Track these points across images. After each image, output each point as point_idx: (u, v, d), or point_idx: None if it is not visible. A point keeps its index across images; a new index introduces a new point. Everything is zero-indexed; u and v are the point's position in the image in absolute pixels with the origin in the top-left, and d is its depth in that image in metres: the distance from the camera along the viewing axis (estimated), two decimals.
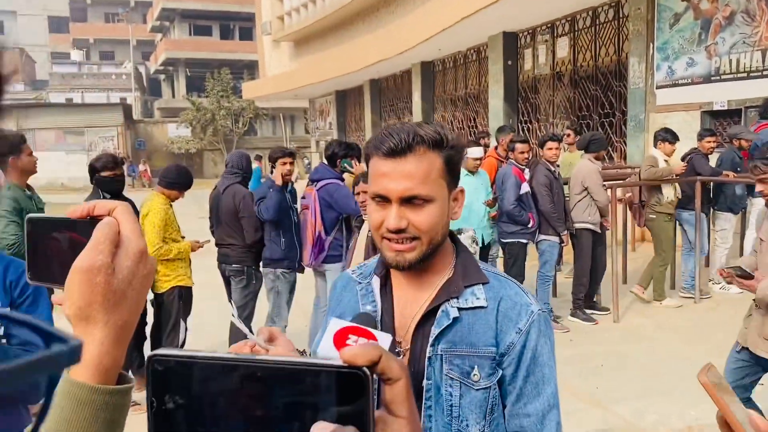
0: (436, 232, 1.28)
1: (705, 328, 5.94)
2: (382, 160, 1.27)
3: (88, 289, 0.62)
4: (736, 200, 6.66)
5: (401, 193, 1.24)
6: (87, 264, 0.63)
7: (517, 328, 1.31)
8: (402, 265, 1.28)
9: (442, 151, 1.28)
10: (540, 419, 1.32)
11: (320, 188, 4.85)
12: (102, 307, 0.63)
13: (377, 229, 1.29)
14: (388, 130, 1.28)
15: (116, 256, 0.65)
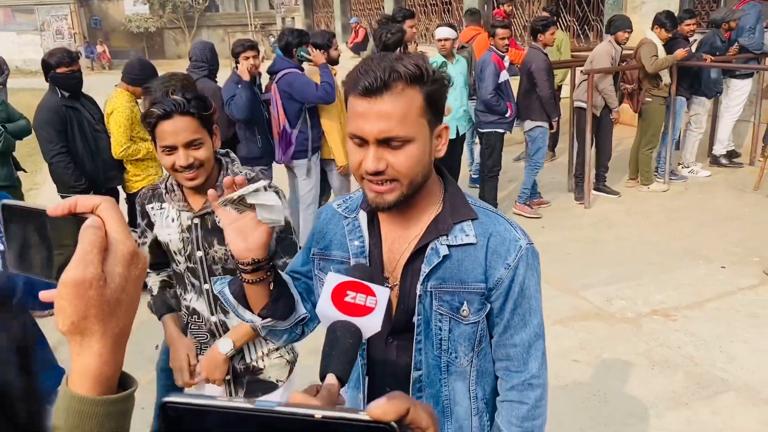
0: (416, 174, 1.23)
1: (673, 212, 6.08)
2: (358, 100, 1.19)
3: (81, 303, 0.59)
4: (711, 84, 6.60)
5: (377, 134, 1.18)
6: (77, 277, 0.59)
7: (506, 264, 1.30)
8: (382, 206, 1.25)
9: (423, 87, 1.20)
10: (526, 349, 1.35)
11: (279, 80, 4.66)
12: (97, 318, 0.60)
13: (356, 170, 1.24)
14: (364, 66, 1.20)
15: (106, 263, 0.61)
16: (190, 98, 1.84)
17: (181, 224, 2.02)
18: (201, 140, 1.86)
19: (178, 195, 2.01)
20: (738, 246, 5.23)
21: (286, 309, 1.35)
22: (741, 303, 4.34)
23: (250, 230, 1.21)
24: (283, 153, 4.68)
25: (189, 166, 1.86)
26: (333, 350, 0.94)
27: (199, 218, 2.00)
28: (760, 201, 6.16)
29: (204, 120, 1.87)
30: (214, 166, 1.96)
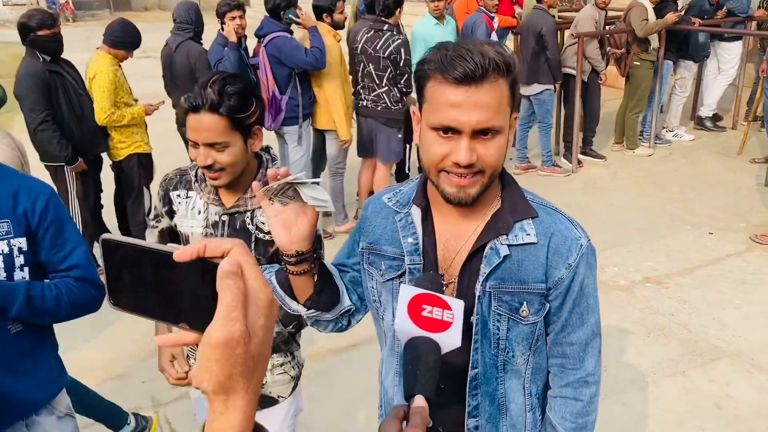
0: (500, 165, 1.22)
1: (659, 177, 6.13)
2: (452, 87, 1.14)
3: (228, 363, 0.56)
4: (699, 48, 6.60)
5: (476, 125, 1.14)
6: (225, 337, 0.56)
7: (567, 264, 1.28)
8: (465, 200, 1.21)
9: (508, 77, 1.16)
10: (583, 347, 1.34)
11: (267, 44, 4.50)
12: (242, 376, 0.58)
13: (438, 163, 1.19)
14: (456, 51, 1.14)
15: (248, 316, 0.58)
16: (225, 95, 1.66)
17: (207, 218, 1.87)
18: (226, 143, 1.69)
19: (209, 187, 1.85)
20: (724, 212, 5.30)
21: (331, 301, 1.36)
22: (730, 269, 4.42)
23: (293, 222, 1.21)
24: (273, 119, 4.56)
25: (209, 167, 1.73)
26: (417, 369, 0.91)
27: (228, 216, 1.85)
28: (744, 166, 6.24)
29: (237, 122, 1.69)
30: (249, 164, 1.81)
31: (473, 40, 1.18)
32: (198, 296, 0.61)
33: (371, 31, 4.70)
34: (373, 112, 4.84)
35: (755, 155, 6.38)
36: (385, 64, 4.64)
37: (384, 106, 4.79)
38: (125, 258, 0.63)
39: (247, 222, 1.84)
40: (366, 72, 4.75)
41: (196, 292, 0.61)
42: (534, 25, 5.77)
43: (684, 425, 3.02)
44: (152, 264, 0.62)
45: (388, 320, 1.39)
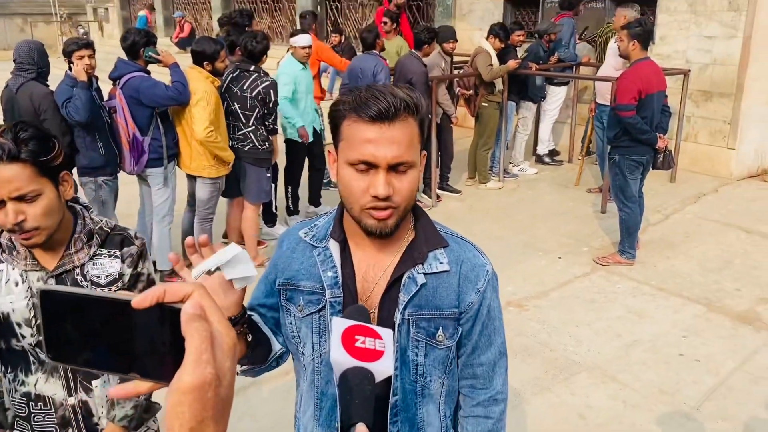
0: (413, 198, 1.29)
1: (510, 208, 6.59)
2: (367, 125, 1.21)
3: (200, 407, 0.56)
4: (537, 90, 7.25)
5: (391, 159, 1.21)
6: (198, 381, 0.55)
7: (476, 289, 1.37)
8: (384, 231, 1.27)
9: (417, 116, 1.26)
10: (492, 367, 1.43)
11: (123, 85, 4.36)
12: (212, 420, 0.57)
13: (360, 197, 1.24)
14: (369, 92, 1.22)
15: (216, 359, 0.57)
16: (22, 141, 1.50)
17: (30, 287, 1.65)
18: (37, 192, 1.53)
19: (23, 253, 1.65)
20: (569, 238, 5.81)
21: (264, 352, 1.38)
22: (579, 290, 4.84)
23: (222, 290, 1.20)
24: (136, 162, 4.38)
25: (19, 226, 1.53)
26: (354, 399, 0.94)
27: (55, 278, 1.66)
28: (581, 196, 6.88)
29: (43, 167, 1.53)
30: (64, 216, 1.65)
31: (388, 85, 1.28)
32: (154, 343, 0.60)
33: (237, 71, 4.72)
34: (240, 152, 4.81)
35: (590, 186, 7.07)
36: (253, 104, 4.67)
37: (251, 145, 4.79)
38: (69, 309, 0.61)
39: (80, 279, 1.68)
40: (231, 111, 4.74)
41: (152, 340, 0.60)
42: (405, 71, 6.05)
43: None
44: (102, 313, 0.60)
45: (307, 355, 1.40)
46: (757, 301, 4.60)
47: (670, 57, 7.27)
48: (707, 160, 7.32)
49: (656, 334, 4.18)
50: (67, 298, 0.61)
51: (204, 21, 17.49)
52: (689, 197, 6.71)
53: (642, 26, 4.77)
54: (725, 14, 6.86)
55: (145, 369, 0.60)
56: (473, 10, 9.55)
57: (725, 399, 3.52)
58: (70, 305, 0.61)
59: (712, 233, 5.81)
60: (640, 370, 3.79)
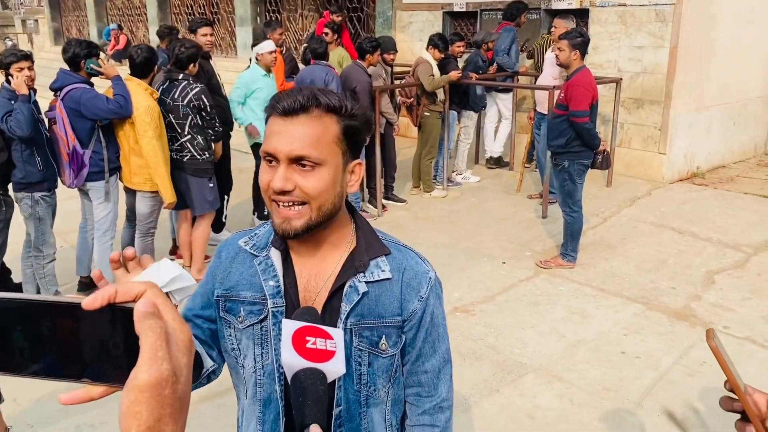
0: (326, 199, 1.25)
1: (454, 216, 6.69)
2: (276, 119, 1.23)
3: (158, 405, 0.55)
4: (478, 100, 7.40)
5: (289, 152, 1.20)
6: (154, 378, 0.55)
7: (419, 296, 1.37)
8: (288, 232, 1.24)
9: (340, 119, 1.24)
10: (436, 374, 1.43)
11: (64, 96, 4.24)
12: (171, 418, 0.56)
13: (266, 191, 1.25)
14: (287, 92, 1.23)
15: (171, 356, 0.57)
16: None
17: None
18: None
19: None
20: (512, 242, 5.93)
21: (195, 370, 1.31)
22: (523, 293, 4.94)
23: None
24: (75, 176, 4.25)
25: None
26: (307, 400, 0.94)
27: None
28: (522, 202, 7.04)
29: None
30: None
31: (319, 87, 1.29)
32: (106, 346, 0.59)
33: (167, 82, 4.67)
34: (180, 164, 4.74)
35: (531, 192, 7.24)
36: (185, 112, 4.63)
37: (189, 156, 4.73)
38: (13, 316, 0.59)
39: None
40: (167, 122, 4.67)
41: (103, 342, 0.59)
42: (349, 80, 6.08)
43: None
44: (49, 318, 0.59)
45: (248, 367, 1.37)
46: (691, 298, 4.80)
47: (602, 66, 7.55)
48: (640, 164, 7.62)
49: (598, 333, 4.31)
50: (9, 305, 0.59)
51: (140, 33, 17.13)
52: (625, 201, 6.96)
53: (582, 36, 4.95)
54: (653, 25, 7.18)
55: (98, 373, 0.59)
56: (413, 22, 9.69)
57: (665, 393, 3.65)
58: (13, 312, 0.59)
59: (648, 235, 6.04)
60: (585, 368, 3.90)
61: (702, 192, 7.28)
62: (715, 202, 6.89)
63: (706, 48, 7.38)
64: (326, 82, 5.84)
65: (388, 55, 6.67)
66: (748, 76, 8.16)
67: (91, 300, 0.57)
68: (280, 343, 1.32)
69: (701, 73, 7.44)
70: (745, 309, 4.64)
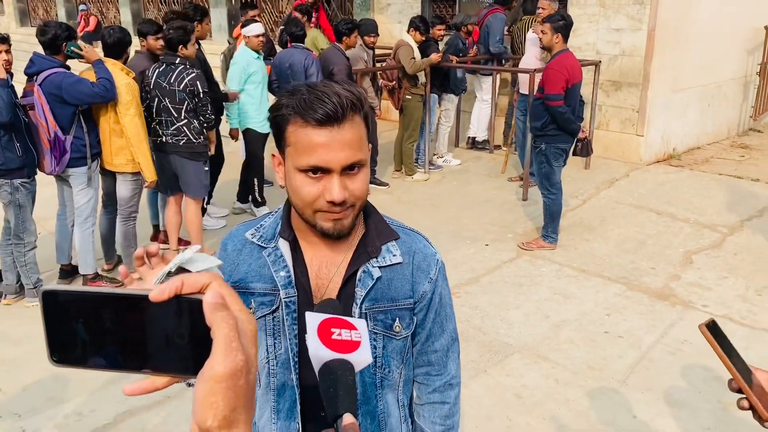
0: (366, 195, 1.29)
1: (437, 199, 6.72)
2: (316, 129, 1.18)
3: (233, 395, 0.56)
4: (458, 83, 7.40)
5: (345, 162, 1.20)
6: (229, 369, 0.55)
7: (429, 278, 1.40)
8: (342, 232, 1.26)
9: (361, 112, 1.25)
10: (445, 353, 1.47)
11: (42, 82, 4.15)
12: (244, 408, 0.57)
13: (312, 203, 1.23)
14: (312, 94, 1.19)
15: (243, 347, 0.58)
16: None
17: None
18: None
19: None
20: (494, 225, 5.98)
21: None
22: (507, 275, 5.00)
23: None
24: (57, 162, 4.18)
25: None
26: (339, 390, 0.95)
27: None
28: (504, 185, 7.09)
29: None
30: None
31: (330, 83, 1.24)
32: (170, 337, 0.59)
33: (162, 65, 4.61)
34: (176, 147, 4.74)
35: (511, 175, 7.30)
36: (181, 96, 4.60)
37: (186, 139, 4.72)
38: (75, 309, 0.59)
39: None
40: (162, 106, 4.64)
41: (167, 334, 0.59)
42: (327, 63, 6.03)
43: (493, 418, 3.36)
44: (112, 311, 0.59)
45: (261, 358, 1.39)
46: (670, 278, 4.91)
47: (581, 49, 7.59)
48: (618, 146, 7.71)
49: (581, 313, 4.39)
50: (72, 297, 0.59)
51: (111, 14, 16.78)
52: (603, 182, 7.05)
53: (565, 19, 4.96)
54: (631, 7, 7.23)
55: (160, 364, 0.60)
56: (391, 4, 9.63)
57: (648, 371, 3.74)
58: (76, 305, 0.59)
59: (626, 216, 6.14)
60: (569, 348, 3.97)
61: (678, 173, 7.40)
62: (691, 183, 7.01)
63: (683, 30, 7.46)
64: (306, 66, 5.80)
65: (369, 38, 6.63)
66: (724, 59, 8.28)
67: (159, 292, 0.57)
68: (293, 332, 1.34)
69: (678, 56, 7.53)
70: (722, 288, 4.75)
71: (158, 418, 3.35)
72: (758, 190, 6.76)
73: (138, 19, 14.82)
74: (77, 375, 3.67)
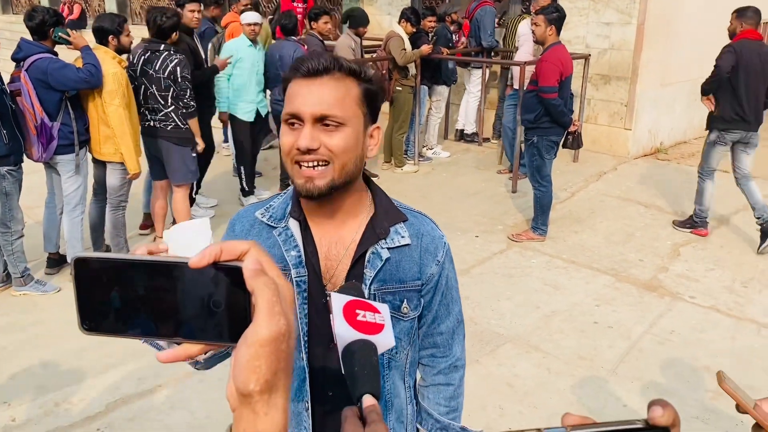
0: (348, 159, 1.26)
1: (427, 190, 6.73)
2: (299, 81, 1.24)
3: (275, 359, 0.56)
4: (449, 74, 7.40)
5: (314, 112, 1.22)
6: (274, 333, 0.55)
7: (437, 260, 1.40)
8: (312, 192, 1.25)
9: (360, 82, 1.27)
10: (451, 335, 1.48)
11: (29, 67, 4.09)
12: (284, 372, 0.57)
13: (288, 153, 1.25)
14: (308, 55, 1.25)
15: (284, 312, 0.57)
16: None
17: None
18: None
19: None
20: (484, 217, 6.00)
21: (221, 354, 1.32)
22: (497, 266, 5.02)
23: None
24: (44, 149, 4.12)
25: None
26: (363, 370, 0.95)
27: None
28: (493, 177, 7.12)
29: None
30: None
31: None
32: (205, 304, 0.58)
33: (147, 53, 4.57)
34: (164, 132, 4.74)
35: (501, 167, 7.32)
36: (167, 84, 4.60)
37: (174, 125, 4.72)
38: (108, 276, 0.58)
39: None
40: (149, 93, 4.62)
41: (203, 300, 0.58)
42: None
43: (486, 408, 3.38)
44: (146, 278, 0.58)
45: None
46: (658, 269, 4.96)
47: (571, 42, 7.60)
48: (606, 140, 7.76)
49: (571, 303, 4.42)
50: (105, 264, 0.59)
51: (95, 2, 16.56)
52: (592, 175, 7.09)
53: (558, 12, 4.97)
54: (621, 1, 7.26)
55: (194, 332, 0.59)
56: None
57: (637, 361, 3.78)
58: (109, 272, 0.58)
59: (615, 208, 6.18)
60: (560, 338, 4.00)
61: (665, 167, 7.46)
62: (678, 177, 7.08)
63: (673, 24, 7.51)
64: (294, 58, 5.80)
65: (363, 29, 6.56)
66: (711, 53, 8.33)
67: (198, 258, 0.57)
68: (303, 312, 1.34)
69: (666, 50, 7.58)
70: (709, 279, 4.81)
71: (150, 405, 3.33)
72: None
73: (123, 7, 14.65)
74: (67, 363, 3.65)
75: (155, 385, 3.45)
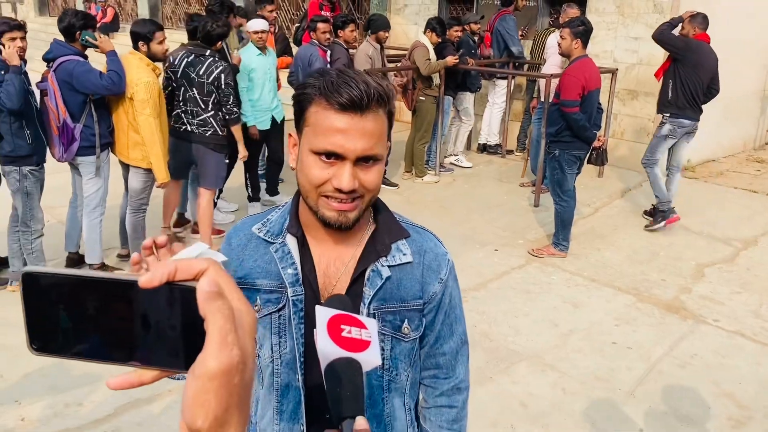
0: (377, 191, 1.25)
1: (447, 201, 6.67)
2: (337, 114, 1.15)
3: (226, 393, 0.51)
4: (473, 80, 7.36)
5: (360, 152, 1.16)
6: (224, 365, 0.50)
7: (439, 278, 1.35)
8: (345, 224, 1.22)
9: (387, 108, 1.21)
10: (454, 356, 1.42)
11: (56, 68, 4.14)
12: (237, 408, 0.52)
13: (318, 187, 1.19)
14: (340, 78, 1.15)
15: (240, 341, 0.52)
16: None
17: None
18: None
19: None
20: (505, 230, 5.92)
21: None
22: (516, 281, 4.94)
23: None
24: (66, 149, 4.16)
25: None
26: (345, 390, 0.90)
27: None
28: (515, 189, 7.03)
29: None
30: None
31: (360, 72, 1.20)
32: (160, 327, 0.54)
33: (192, 56, 4.63)
34: (201, 138, 4.78)
35: (523, 180, 7.23)
36: (210, 89, 4.66)
37: (212, 131, 4.77)
38: (57, 293, 0.54)
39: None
40: (189, 96, 4.68)
41: (158, 323, 0.54)
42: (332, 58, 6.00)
43: (497, 426, 3.30)
44: (98, 297, 0.54)
45: (265, 357, 1.34)
46: (680, 290, 4.83)
47: (598, 56, 7.51)
48: (632, 156, 7.62)
49: (591, 322, 4.32)
50: (55, 280, 0.54)
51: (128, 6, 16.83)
52: (616, 192, 6.97)
53: (585, 25, 4.90)
54: (650, 16, 7.15)
55: (149, 356, 0.55)
56: (409, 5, 9.59)
57: (656, 383, 3.67)
58: (59, 289, 0.54)
59: (638, 226, 6.06)
60: (577, 358, 3.91)
61: (692, 185, 7.31)
62: (705, 196, 6.93)
63: None
64: (310, 62, 5.80)
65: (384, 33, 6.53)
66: (743, 71, 8.18)
67: (149, 278, 0.52)
68: (300, 331, 1.30)
69: None
70: (734, 303, 4.67)
71: (159, 410, 3.31)
72: None
73: (155, 11, 14.86)
74: (79, 365, 3.65)
75: (164, 390, 3.43)
